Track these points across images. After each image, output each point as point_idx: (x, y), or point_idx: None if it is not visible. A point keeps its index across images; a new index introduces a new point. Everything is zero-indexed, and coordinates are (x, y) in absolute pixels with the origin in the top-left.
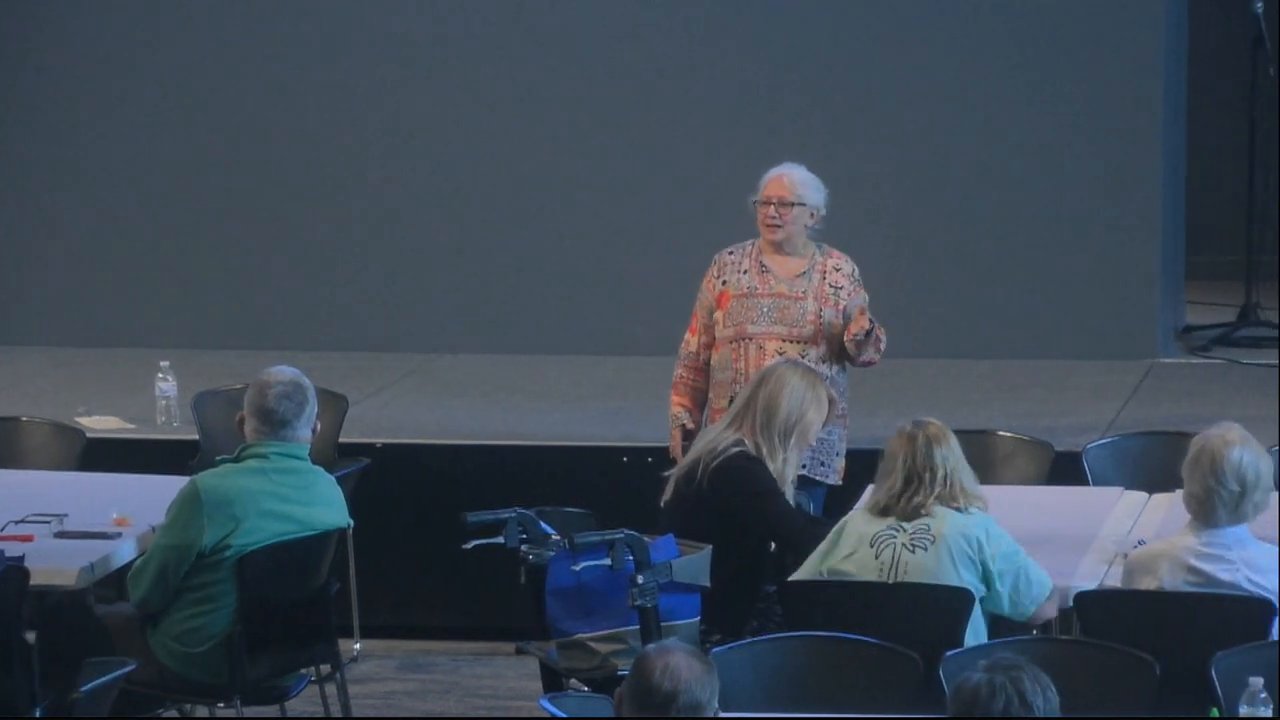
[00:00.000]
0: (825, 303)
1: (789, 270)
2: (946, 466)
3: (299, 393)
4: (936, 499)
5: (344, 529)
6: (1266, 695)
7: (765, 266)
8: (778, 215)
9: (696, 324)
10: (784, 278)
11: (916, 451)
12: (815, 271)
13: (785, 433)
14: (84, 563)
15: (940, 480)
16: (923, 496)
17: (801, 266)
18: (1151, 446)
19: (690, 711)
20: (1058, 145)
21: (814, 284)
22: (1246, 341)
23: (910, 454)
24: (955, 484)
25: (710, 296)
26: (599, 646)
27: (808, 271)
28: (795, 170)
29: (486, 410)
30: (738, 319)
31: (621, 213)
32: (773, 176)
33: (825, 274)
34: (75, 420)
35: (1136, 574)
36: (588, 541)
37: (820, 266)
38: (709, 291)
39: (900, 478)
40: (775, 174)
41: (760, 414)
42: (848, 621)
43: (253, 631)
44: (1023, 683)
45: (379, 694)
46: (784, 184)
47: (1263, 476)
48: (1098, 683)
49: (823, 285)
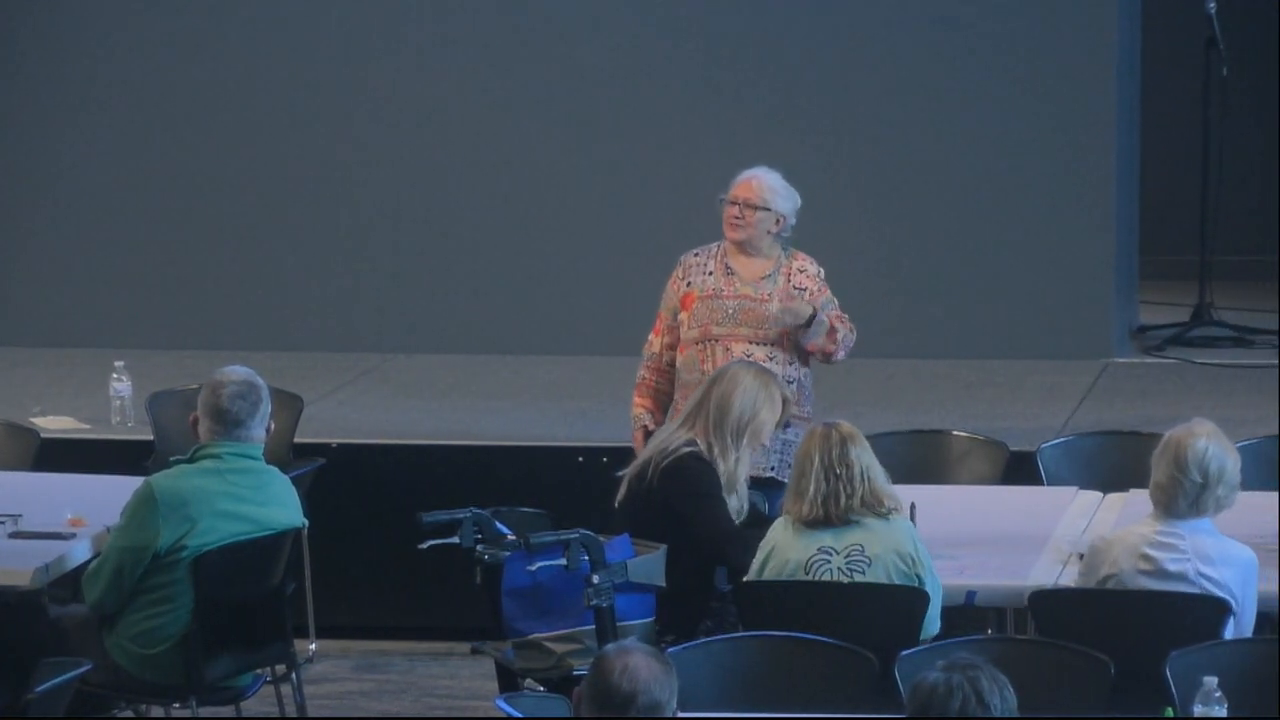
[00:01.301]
0: (789, 303)
1: (754, 272)
2: (861, 464)
3: (253, 392)
4: (861, 503)
5: (299, 529)
6: (1221, 694)
7: (730, 269)
8: (741, 216)
9: (660, 325)
10: (749, 280)
11: (831, 449)
12: (780, 274)
13: (738, 432)
14: (39, 563)
15: (858, 478)
16: (845, 498)
17: (766, 269)
18: (1106, 446)
19: (649, 712)
20: (1013, 147)
21: (779, 286)
22: (1200, 341)
23: (825, 452)
24: (871, 481)
25: (675, 298)
26: (555, 646)
27: (773, 274)
28: (767, 175)
29: (441, 410)
30: (702, 320)
31: (575, 215)
32: (743, 179)
33: (790, 275)
34: (30, 420)
35: (1095, 559)
36: (543, 541)
37: (785, 269)
38: (674, 293)
39: (819, 479)
40: (746, 176)
41: (713, 413)
42: (804, 621)
43: (209, 632)
44: (980, 682)
45: (335, 694)
46: (752, 187)
47: (1227, 472)
48: (1054, 682)
49: (787, 286)
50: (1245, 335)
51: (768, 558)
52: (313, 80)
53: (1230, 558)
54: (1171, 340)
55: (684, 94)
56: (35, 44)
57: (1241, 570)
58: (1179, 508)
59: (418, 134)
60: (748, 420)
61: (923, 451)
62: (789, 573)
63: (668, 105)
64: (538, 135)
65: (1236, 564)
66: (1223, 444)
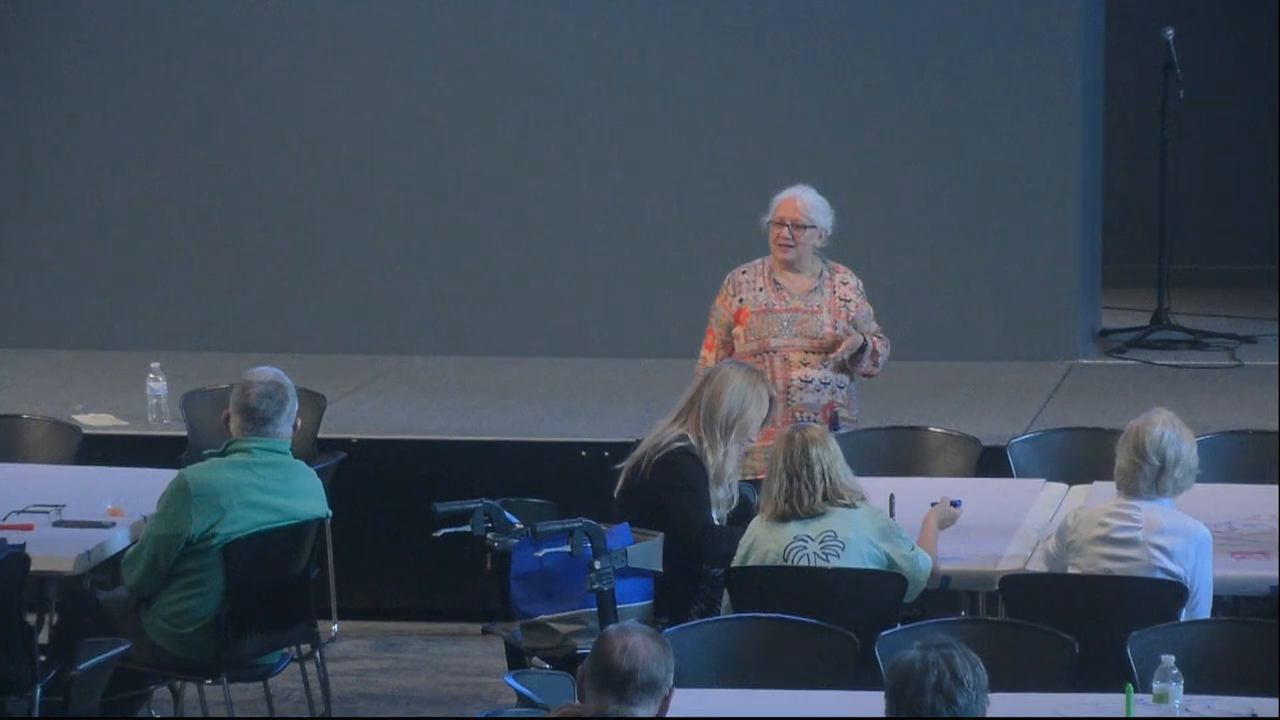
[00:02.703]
0: (838, 314)
1: (801, 286)
2: (823, 463)
3: (280, 392)
4: (824, 497)
5: (323, 518)
6: (1178, 672)
7: (779, 283)
8: (791, 236)
9: (713, 340)
10: (798, 293)
11: (794, 451)
12: (825, 286)
13: (726, 428)
14: (81, 550)
15: (819, 475)
16: (809, 493)
17: (812, 283)
18: (1071, 441)
19: (648, 688)
20: (986, 167)
21: (826, 298)
22: (1159, 344)
23: (789, 453)
24: (833, 479)
25: (728, 314)
26: (559, 627)
27: (819, 286)
28: (807, 193)
29: (455, 408)
30: (760, 334)
31: (579, 229)
32: (785, 198)
33: (835, 288)
34: (72, 418)
35: (1065, 533)
36: (549, 530)
37: (829, 282)
38: (725, 309)
39: (782, 479)
40: (788, 195)
41: (704, 410)
42: (791, 604)
43: (238, 613)
44: (954, 659)
45: (355, 671)
46: (797, 206)
47: (1184, 457)
48: (1022, 660)
49: (834, 299)
50: (1200, 338)
51: (749, 551)
52: (335, 98)
53: (1181, 529)
54: (1132, 343)
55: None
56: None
57: (1193, 542)
58: (1140, 489)
59: (442, 158)
60: (735, 417)
61: (901, 446)
62: (770, 561)
63: (669, 122)
64: (544, 157)
65: (1187, 535)
66: (1180, 430)
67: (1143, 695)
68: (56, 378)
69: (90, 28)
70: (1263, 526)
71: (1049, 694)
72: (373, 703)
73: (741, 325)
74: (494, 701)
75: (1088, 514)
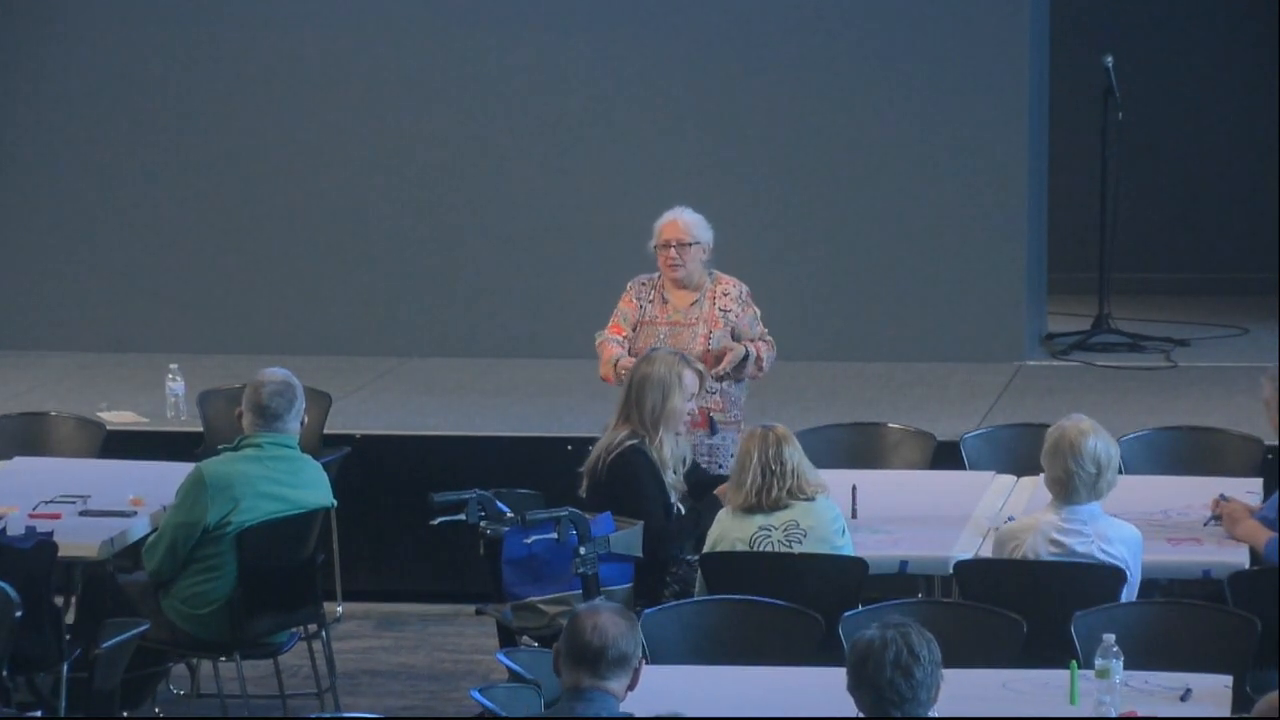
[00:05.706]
0: (715, 325)
1: (684, 300)
2: (793, 462)
3: (289, 390)
4: (789, 494)
5: (328, 508)
6: (1118, 649)
7: (665, 298)
8: (678, 256)
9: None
10: (680, 307)
11: (768, 449)
12: (706, 299)
13: (655, 421)
14: (105, 537)
15: (790, 473)
16: (778, 489)
17: (694, 296)
18: (1020, 436)
19: (619, 662)
20: (939, 177)
21: (704, 310)
22: (1100, 347)
23: (762, 452)
24: (800, 475)
25: (631, 314)
26: (547, 608)
27: (699, 300)
28: (685, 213)
29: (451, 406)
30: (638, 345)
31: (567, 238)
32: (667, 221)
33: (715, 299)
34: (97, 415)
35: (1005, 544)
36: (537, 518)
37: (710, 293)
38: (630, 310)
39: (755, 474)
40: (669, 219)
41: (634, 407)
42: (760, 587)
43: (250, 596)
44: (910, 637)
45: (359, 649)
46: (679, 227)
47: (1113, 459)
48: (974, 639)
49: (713, 310)
50: (1138, 342)
51: (716, 542)
52: (339, 115)
53: (1124, 537)
54: (1075, 345)
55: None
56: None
57: (1133, 546)
58: (1079, 496)
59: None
60: (660, 409)
61: (861, 441)
62: (738, 550)
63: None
64: (536, 171)
65: (1128, 542)
66: (1105, 436)
67: (1086, 671)
68: (82, 378)
69: (109, 31)
70: (1195, 515)
71: (999, 670)
72: (374, 678)
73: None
74: (487, 677)
75: (1031, 530)
